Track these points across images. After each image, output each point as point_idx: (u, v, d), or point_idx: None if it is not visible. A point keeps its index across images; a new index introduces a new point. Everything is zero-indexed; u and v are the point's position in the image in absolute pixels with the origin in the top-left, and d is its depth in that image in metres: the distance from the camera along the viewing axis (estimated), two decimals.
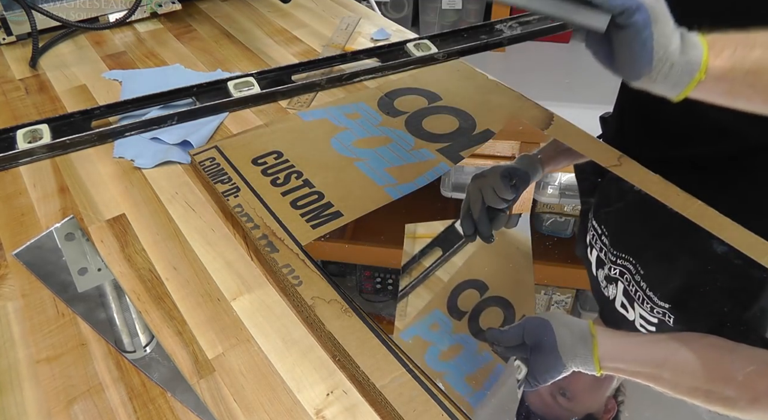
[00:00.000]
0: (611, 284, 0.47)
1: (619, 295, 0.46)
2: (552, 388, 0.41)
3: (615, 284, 0.47)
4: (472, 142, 0.63)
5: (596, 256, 0.50)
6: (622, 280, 0.47)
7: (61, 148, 0.64)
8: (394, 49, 0.80)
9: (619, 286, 0.47)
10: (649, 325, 0.44)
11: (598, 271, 0.49)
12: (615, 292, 0.47)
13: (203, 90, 0.72)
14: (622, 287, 0.47)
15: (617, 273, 0.48)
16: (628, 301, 0.46)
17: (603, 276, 0.48)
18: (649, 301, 0.45)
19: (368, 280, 0.51)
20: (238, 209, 0.54)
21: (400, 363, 0.41)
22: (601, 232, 0.52)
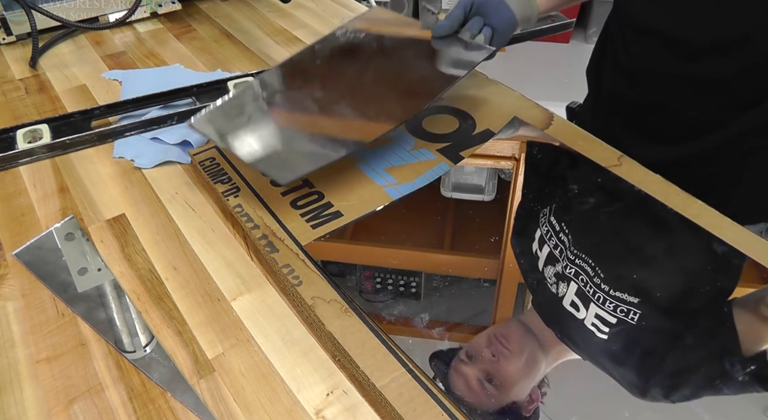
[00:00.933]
0: (563, 282, 0.47)
1: (570, 294, 0.46)
2: (479, 374, 0.42)
3: (567, 283, 0.47)
4: (472, 142, 0.63)
5: (548, 252, 0.50)
6: (576, 281, 0.47)
7: (61, 148, 0.64)
8: None
9: (571, 286, 0.47)
10: (604, 324, 0.44)
11: (547, 267, 0.49)
12: (565, 290, 0.47)
13: (203, 90, 0.72)
14: (576, 287, 0.47)
15: (572, 273, 0.48)
16: (582, 301, 0.46)
17: (552, 273, 0.48)
18: (613, 300, 0.45)
19: (368, 280, 0.51)
20: (238, 209, 0.54)
21: (400, 363, 0.41)
22: (559, 229, 0.51)
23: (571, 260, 0.48)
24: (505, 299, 0.49)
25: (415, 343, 0.43)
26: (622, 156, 0.59)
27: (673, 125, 0.66)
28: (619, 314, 0.44)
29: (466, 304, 0.48)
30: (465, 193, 0.59)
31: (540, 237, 0.51)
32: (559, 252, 0.49)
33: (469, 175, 0.60)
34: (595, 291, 0.46)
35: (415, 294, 0.49)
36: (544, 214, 0.53)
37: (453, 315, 0.47)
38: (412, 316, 0.46)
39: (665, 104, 0.65)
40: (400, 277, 0.50)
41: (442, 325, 0.45)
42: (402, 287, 0.49)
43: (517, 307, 0.49)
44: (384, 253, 0.54)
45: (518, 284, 0.50)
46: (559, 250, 0.50)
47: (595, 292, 0.46)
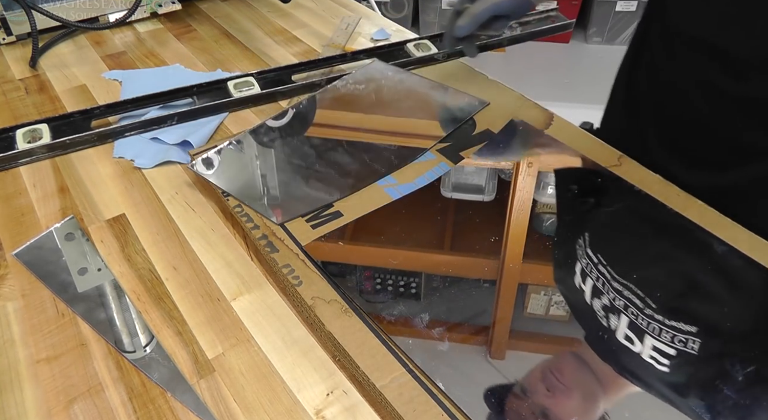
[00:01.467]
0: (613, 315, 0.45)
1: (623, 327, 0.44)
2: (536, 409, 0.40)
3: (617, 315, 0.45)
4: (472, 142, 0.63)
5: (592, 285, 0.48)
6: (626, 313, 0.45)
7: (61, 148, 0.64)
8: (394, 49, 0.80)
9: (622, 319, 0.45)
10: (663, 356, 0.42)
11: (594, 300, 0.47)
12: (617, 323, 0.45)
13: (203, 90, 0.72)
14: (627, 320, 0.44)
15: (621, 305, 0.45)
16: (636, 334, 0.43)
17: (600, 305, 0.46)
18: (669, 330, 0.43)
19: (368, 281, 0.51)
20: (238, 209, 0.54)
21: (400, 363, 0.41)
22: (597, 261, 0.49)
23: (618, 291, 0.46)
24: (505, 300, 0.49)
25: (415, 343, 0.43)
26: (621, 156, 0.59)
27: (720, 148, 0.60)
28: (677, 345, 0.42)
29: (466, 304, 0.48)
30: (465, 193, 0.59)
31: (581, 270, 0.49)
32: (602, 284, 0.47)
33: (469, 175, 0.60)
34: (649, 322, 0.44)
35: (415, 294, 0.49)
36: (580, 245, 0.51)
37: (453, 315, 0.47)
38: (413, 317, 0.46)
39: (711, 124, 0.60)
40: (400, 278, 0.50)
41: (442, 325, 0.45)
42: (402, 287, 0.49)
43: (517, 308, 0.48)
44: (384, 253, 0.54)
45: (518, 285, 0.50)
46: (601, 283, 0.47)
47: (648, 324, 0.44)
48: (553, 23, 0.89)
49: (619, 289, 0.46)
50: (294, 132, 0.64)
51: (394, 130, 0.64)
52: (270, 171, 0.59)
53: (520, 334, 0.47)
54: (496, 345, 0.45)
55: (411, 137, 0.63)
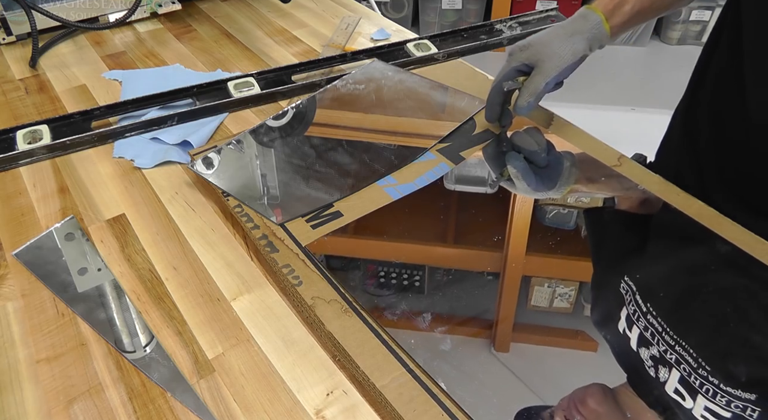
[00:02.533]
0: (663, 367, 0.43)
1: (673, 381, 0.42)
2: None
3: (668, 369, 0.42)
4: (472, 142, 0.63)
5: (638, 333, 0.45)
6: (678, 368, 0.42)
7: (61, 149, 0.64)
8: (394, 49, 0.80)
9: (673, 373, 0.42)
10: (717, 418, 0.40)
11: (641, 349, 0.44)
12: (667, 376, 0.42)
13: (203, 90, 0.72)
14: (679, 375, 0.42)
15: (673, 359, 0.43)
16: (688, 391, 0.41)
17: (648, 355, 0.44)
18: (725, 395, 0.40)
19: (372, 275, 0.51)
20: (238, 209, 0.54)
21: (400, 363, 0.41)
22: (646, 310, 0.46)
23: (670, 345, 0.43)
24: (508, 292, 0.49)
25: (417, 341, 0.43)
26: (621, 156, 0.59)
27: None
28: (734, 410, 0.40)
29: (470, 297, 0.47)
30: (468, 185, 0.59)
31: (627, 317, 0.46)
32: (651, 335, 0.44)
33: (471, 167, 0.60)
34: (702, 383, 0.41)
35: (418, 288, 0.49)
36: (626, 290, 0.48)
37: (457, 309, 0.46)
38: (414, 316, 0.46)
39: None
40: (404, 271, 0.50)
41: (446, 319, 0.45)
42: (406, 281, 0.49)
43: (521, 301, 0.48)
44: (387, 247, 0.54)
45: (522, 277, 0.50)
46: (650, 333, 0.45)
47: (702, 384, 0.41)
48: (553, 23, 0.89)
49: (671, 343, 0.44)
50: (294, 132, 0.64)
51: (394, 130, 0.64)
52: (270, 171, 0.59)
53: (524, 326, 0.46)
54: (501, 338, 0.45)
55: (411, 137, 0.63)
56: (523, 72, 0.59)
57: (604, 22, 0.59)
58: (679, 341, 0.43)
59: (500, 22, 0.88)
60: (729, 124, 0.60)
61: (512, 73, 0.59)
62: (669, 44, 2.42)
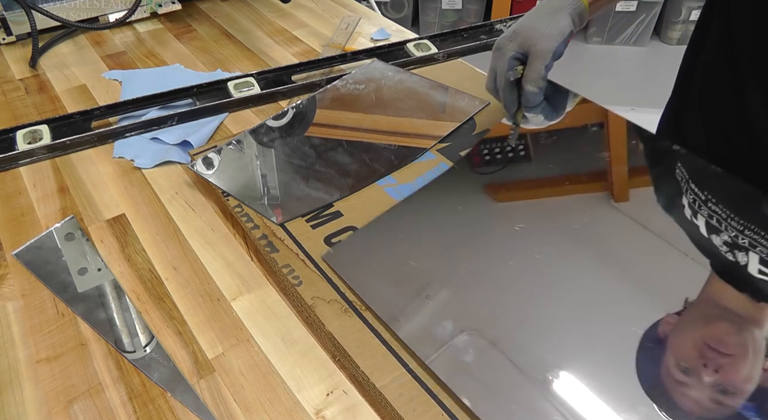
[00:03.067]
0: (739, 251, 0.43)
1: (754, 263, 0.41)
2: (711, 390, 0.37)
3: (745, 253, 0.42)
4: (472, 142, 0.63)
5: (705, 221, 0.45)
6: (755, 251, 0.42)
7: (61, 149, 0.64)
8: (394, 49, 0.80)
9: (752, 256, 0.42)
10: None
11: (712, 236, 0.44)
12: (746, 259, 0.42)
13: (203, 90, 0.72)
14: (758, 257, 0.42)
15: (746, 243, 0.43)
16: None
17: (721, 242, 0.43)
18: None
19: (476, 154, 0.50)
20: (238, 209, 0.54)
21: (400, 363, 0.41)
22: (705, 197, 0.46)
23: (739, 230, 0.44)
24: (616, 139, 0.46)
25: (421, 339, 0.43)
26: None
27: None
28: None
29: (578, 152, 0.46)
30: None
31: (689, 204, 0.46)
32: (717, 221, 0.45)
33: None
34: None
35: (524, 156, 0.48)
36: (680, 177, 0.48)
37: (568, 167, 0.45)
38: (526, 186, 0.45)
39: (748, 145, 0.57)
40: (507, 144, 0.49)
41: (559, 180, 0.43)
42: (511, 153, 0.48)
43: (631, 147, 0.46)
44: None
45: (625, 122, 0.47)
46: (716, 220, 0.45)
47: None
48: None
49: (739, 228, 0.44)
50: (294, 132, 0.64)
51: (394, 130, 0.64)
52: (270, 171, 0.59)
53: (639, 170, 0.45)
54: (618, 188, 0.44)
55: (411, 137, 0.63)
56: (519, 60, 0.58)
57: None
58: (747, 225, 0.43)
59: (500, 22, 0.88)
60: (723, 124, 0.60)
61: (512, 64, 0.58)
62: (669, 44, 2.43)
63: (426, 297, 0.42)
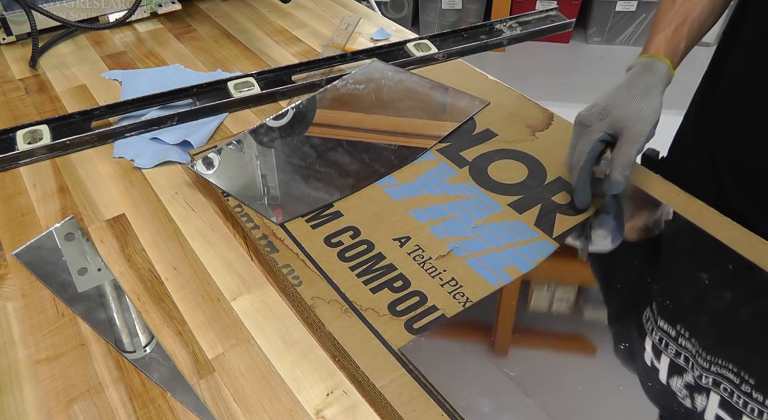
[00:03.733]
0: (699, 394, 0.40)
1: (713, 407, 0.39)
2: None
3: (705, 395, 0.40)
4: (472, 142, 0.63)
5: (668, 362, 0.42)
6: (717, 391, 0.40)
7: (61, 149, 0.64)
8: (394, 49, 0.80)
9: (712, 397, 0.40)
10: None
11: (672, 378, 0.42)
12: (704, 403, 0.40)
13: (203, 90, 0.72)
14: (719, 398, 0.40)
15: (710, 382, 0.41)
16: (731, 414, 0.39)
17: (682, 384, 0.41)
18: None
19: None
20: (238, 209, 0.54)
21: (400, 363, 0.41)
22: (676, 334, 0.43)
23: (705, 368, 0.41)
24: (508, 296, 0.49)
25: (416, 344, 0.43)
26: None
27: None
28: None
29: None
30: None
31: (653, 346, 0.43)
32: (684, 360, 0.42)
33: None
34: (746, 402, 0.39)
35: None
36: (647, 318, 0.45)
37: (460, 314, 0.46)
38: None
39: None
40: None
41: (446, 322, 0.45)
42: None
43: (520, 305, 0.48)
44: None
45: (521, 281, 0.49)
46: (683, 358, 0.42)
47: (746, 404, 0.39)
48: (552, 23, 0.89)
49: (705, 366, 0.42)
50: (294, 132, 0.64)
51: (394, 130, 0.64)
52: (270, 171, 0.59)
53: (523, 330, 0.46)
54: (500, 342, 0.45)
55: (411, 137, 0.63)
56: (606, 142, 0.53)
57: (671, 68, 0.54)
58: (715, 361, 0.41)
59: (500, 22, 0.88)
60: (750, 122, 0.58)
61: (597, 146, 0.52)
62: None
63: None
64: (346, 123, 0.66)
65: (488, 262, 0.49)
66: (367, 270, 0.49)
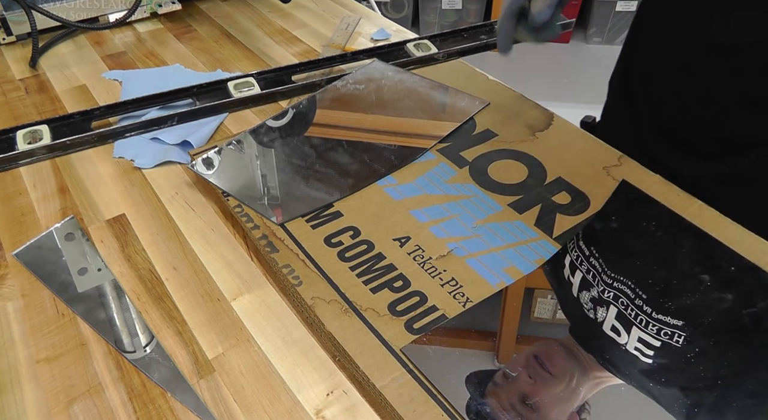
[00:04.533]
0: (601, 307, 0.46)
1: (610, 319, 0.45)
2: (515, 396, 0.41)
3: (606, 307, 0.46)
4: (472, 142, 0.63)
5: (581, 277, 0.48)
6: (615, 304, 0.45)
7: (61, 149, 0.64)
8: (394, 49, 0.80)
9: (611, 310, 0.45)
10: (647, 348, 0.43)
11: (581, 292, 0.47)
12: (604, 315, 0.45)
13: (203, 90, 0.72)
14: (616, 311, 0.45)
15: (611, 296, 0.46)
16: (624, 325, 0.44)
17: (588, 298, 0.47)
18: (656, 323, 0.43)
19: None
20: (238, 209, 0.54)
21: (400, 363, 0.41)
22: (589, 253, 0.49)
23: (608, 284, 0.47)
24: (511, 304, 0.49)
25: (417, 349, 0.43)
26: (622, 156, 0.59)
27: (714, 140, 0.62)
28: (663, 337, 0.43)
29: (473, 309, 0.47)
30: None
31: (570, 262, 0.49)
32: (592, 276, 0.48)
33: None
34: (637, 314, 0.44)
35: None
36: (571, 239, 0.51)
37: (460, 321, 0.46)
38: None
39: (708, 119, 0.62)
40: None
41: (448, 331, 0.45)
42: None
43: (524, 313, 0.48)
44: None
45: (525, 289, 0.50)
46: (591, 275, 0.48)
47: (636, 315, 0.44)
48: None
49: (608, 281, 0.47)
50: (294, 132, 0.64)
51: (394, 130, 0.64)
52: (270, 171, 0.59)
53: (527, 339, 0.47)
54: (504, 350, 0.46)
55: (411, 137, 0.63)
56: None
57: None
58: (616, 277, 0.47)
59: None
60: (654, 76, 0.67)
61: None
62: None
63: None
64: (346, 123, 0.66)
65: (488, 262, 0.49)
66: (367, 270, 0.49)
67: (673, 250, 0.50)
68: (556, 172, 0.59)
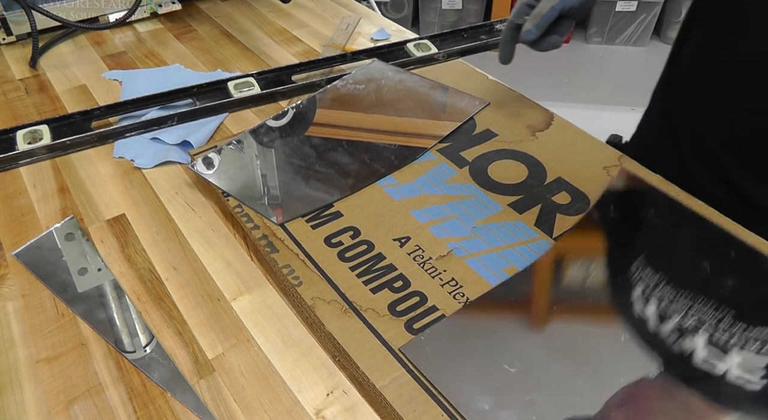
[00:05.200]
0: (688, 336, 0.41)
1: (700, 350, 0.40)
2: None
3: (692, 337, 0.41)
4: (472, 142, 0.63)
5: (654, 310, 0.44)
6: (704, 329, 0.41)
7: (61, 149, 0.64)
8: (394, 49, 0.80)
9: (697, 340, 0.41)
10: (751, 373, 0.38)
11: (661, 326, 0.43)
12: (693, 345, 0.41)
13: (203, 90, 0.72)
14: (704, 339, 0.41)
15: (695, 322, 0.42)
16: (719, 349, 0.40)
17: (669, 330, 0.42)
18: (755, 340, 0.39)
19: None
20: (238, 209, 0.54)
21: (400, 363, 0.41)
22: (657, 281, 0.45)
23: (688, 308, 0.43)
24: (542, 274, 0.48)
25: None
26: (622, 156, 0.59)
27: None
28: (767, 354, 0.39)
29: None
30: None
31: (638, 297, 0.45)
32: (666, 305, 0.44)
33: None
34: (731, 335, 0.41)
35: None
36: (635, 270, 0.47)
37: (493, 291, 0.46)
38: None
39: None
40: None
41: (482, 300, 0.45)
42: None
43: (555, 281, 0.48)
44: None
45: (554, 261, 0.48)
46: (665, 303, 0.44)
47: (730, 336, 0.40)
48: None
49: (688, 305, 0.43)
50: (294, 132, 0.64)
51: (394, 130, 0.64)
52: (270, 171, 0.59)
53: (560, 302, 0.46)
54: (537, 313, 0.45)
55: (411, 137, 0.63)
56: (532, 6, 0.60)
57: None
58: (694, 297, 0.43)
59: (500, 22, 0.88)
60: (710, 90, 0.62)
61: (523, 9, 0.60)
62: (669, 44, 2.42)
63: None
64: (346, 123, 0.66)
65: (488, 262, 0.49)
66: (367, 270, 0.49)
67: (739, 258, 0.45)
68: (556, 172, 0.59)
